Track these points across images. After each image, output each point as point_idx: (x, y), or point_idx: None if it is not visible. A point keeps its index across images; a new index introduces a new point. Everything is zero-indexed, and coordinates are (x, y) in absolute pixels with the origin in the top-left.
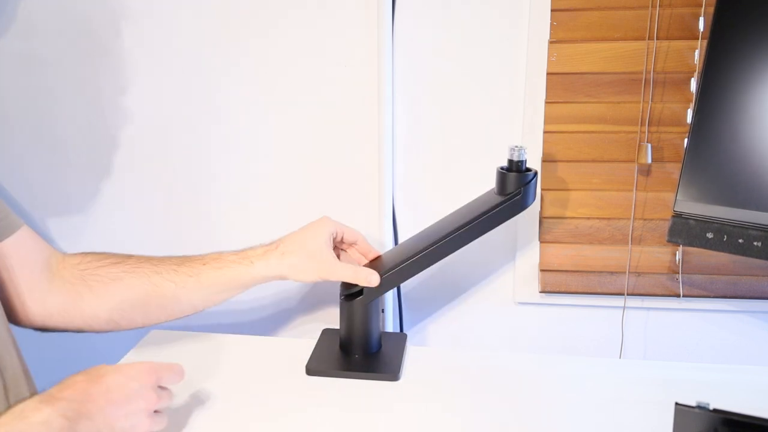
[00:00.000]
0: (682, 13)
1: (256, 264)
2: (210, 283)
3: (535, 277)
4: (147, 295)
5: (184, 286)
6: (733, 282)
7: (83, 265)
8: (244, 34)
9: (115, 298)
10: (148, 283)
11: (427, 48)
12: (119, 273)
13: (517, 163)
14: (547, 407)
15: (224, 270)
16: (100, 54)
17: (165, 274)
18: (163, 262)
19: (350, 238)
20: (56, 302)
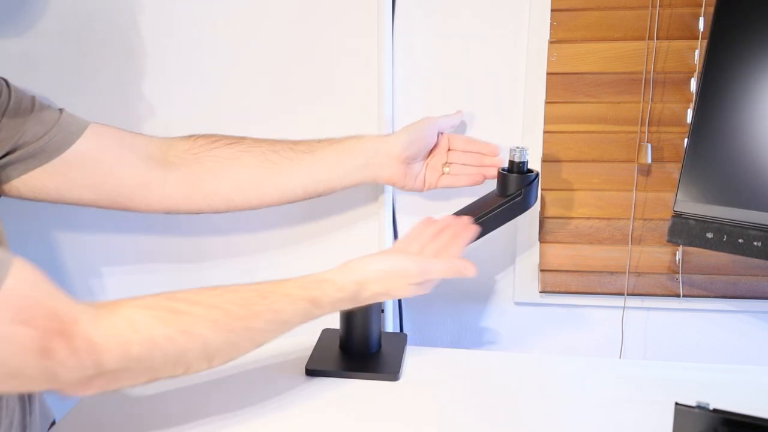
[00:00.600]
0: (682, 13)
1: (366, 137)
2: (325, 157)
3: (535, 277)
4: (265, 171)
5: (300, 162)
6: (733, 282)
7: (195, 149)
8: (243, 34)
9: (232, 177)
10: (266, 161)
11: (427, 48)
12: (236, 152)
13: (519, 164)
14: (547, 407)
15: (336, 144)
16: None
17: (282, 151)
18: (279, 142)
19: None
20: (176, 189)
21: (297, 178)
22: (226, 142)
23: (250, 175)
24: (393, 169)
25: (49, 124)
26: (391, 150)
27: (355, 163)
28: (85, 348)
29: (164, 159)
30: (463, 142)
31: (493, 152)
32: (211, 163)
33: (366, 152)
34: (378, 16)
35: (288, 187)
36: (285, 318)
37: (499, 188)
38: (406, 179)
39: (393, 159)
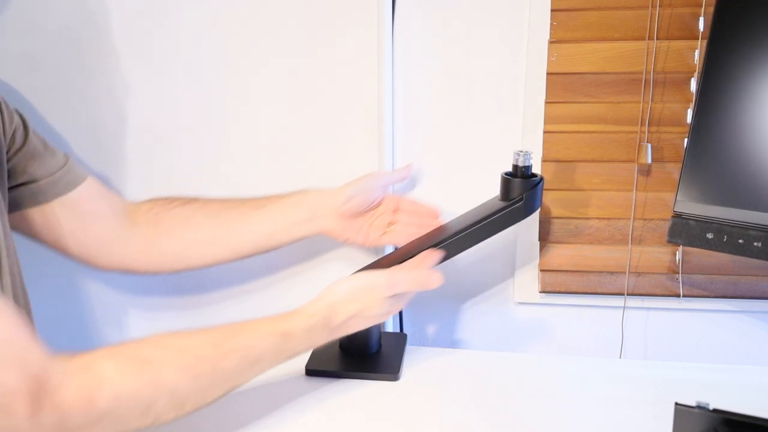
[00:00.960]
0: (682, 13)
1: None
2: (272, 213)
3: (535, 277)
4: (216, 230)
5: (249, 218)
6: (733, 282)
7: (156, 209)
8: (243, 34)
9: (186, 236)
10: (216, 219)
11: (427, 48)
12: (189, 212)
13: (522, 168)
14: (547, 407)
15: (284, 200)
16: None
17: (231, 209)
18: (229, 201)
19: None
20: (137, 247)
21: (246, 234)
22: (181, 202)
23: (202, 233)
24: (334, 222)
25: (56, 166)
26: (333, 203)
27: (300, 216)
28: (49, 409)
29: (133, 217)
30: (409, 205)
31: (435, 215)
32: (168, 222)
33: (310, 206)
34: (378, 16)
35: (238, 243)
36: (256, 355)
37: (502, 192)
38: (348, 233)
39: (335, 212)
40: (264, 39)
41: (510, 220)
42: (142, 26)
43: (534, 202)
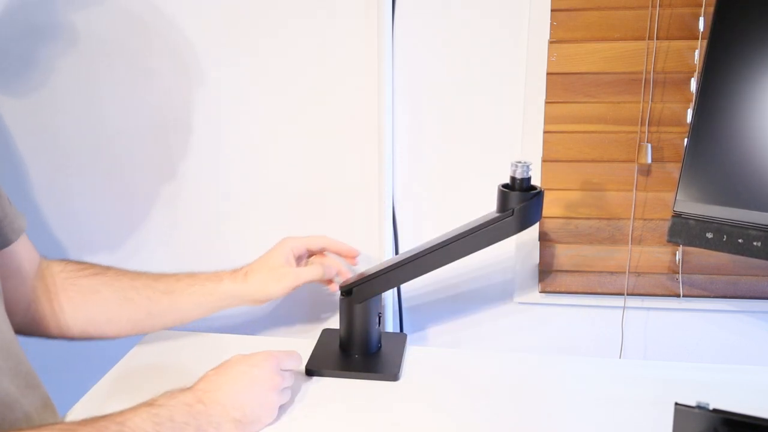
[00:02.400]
0: (682, 13)
1: (225, 281)
2: (183, 300)
3: (535, 277)
4: (121, 308)
5: (159, 302)
6: (733, 282)
7: (65, 273)
8: (245, 38)
9: (91, 310)
10: (124, 298)
11: (427, 49)
12: (97, 285)
13: (520, 180)
14: (547, 407)
15: (196, 287)
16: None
17: (141, 289)
18: (140, 278)
19: (316, 246)
20: (37, 310)
21: (153, 317)
22: (92, 272)
23: (107, 309)
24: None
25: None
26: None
27: (211, 307)
28: None
29: (42, 277)
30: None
31: (352, 254)
32: (72, 293)
33: (223, 300)
34: (378, 16)
35: (144, 323)
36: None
37: (497, 204)
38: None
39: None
40: (264, 39)
41: (502, 234)
42: (142, 27)
43: (530, 215)
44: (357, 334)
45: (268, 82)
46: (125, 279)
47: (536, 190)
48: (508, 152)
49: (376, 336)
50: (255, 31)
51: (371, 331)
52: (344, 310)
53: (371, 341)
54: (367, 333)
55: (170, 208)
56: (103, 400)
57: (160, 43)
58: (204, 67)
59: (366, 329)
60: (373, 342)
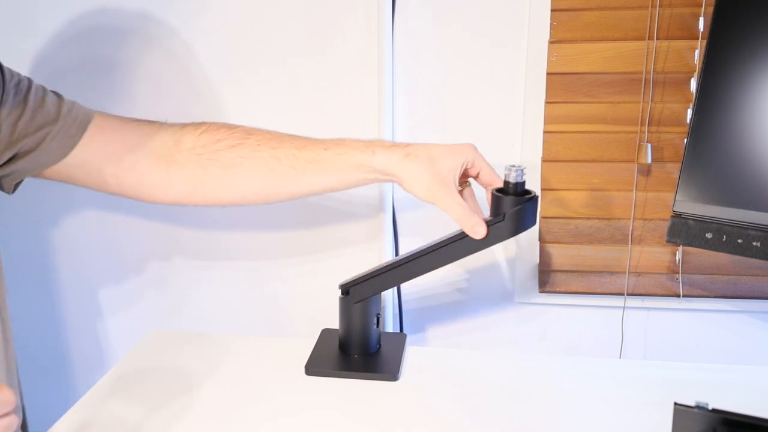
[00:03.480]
0: (682, 13)
1: (378, 154)
2: (331, 170)
3: (535, 277)
4: (266, 181)
5: (304, 171)
6: (733, 282)
7: (198, 149)
8: (241, 35)
9: (235, 185)
10: (268, 170)
11: (427, 48)
12: (237, 159)
13: (514, 185)
14: (547, 407)
15: (345, 156)
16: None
17: (284, 159)
18: (282, 145)
19: (487, 179)
20: (178, 190)
21: (299, 186)
22: (229, 143)
23: (251, 183)
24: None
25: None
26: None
27: (359, 179)
28: None
29: (170, 158)
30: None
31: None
32: (213, 167)
33: (371, 174)
34: (378, 16)
35: (294, 191)
36: None
37: (491, 209)
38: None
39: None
40: (264, 39)
41: (496, 238)
42: (142, 27)
43: (524, 221)
44: (356, 334)
45: (268, 82)
46: (266, 148)
47: (530, 195)
48: (508, 152)
49: (376, 336)
50: (255, 31)
51: (370, 331)
52: (343, 310)
53: (370, 341)
54: (367, 333)
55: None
56: (103, 400)
57: (161, 45)
58: (203, 68)
59: (365, 329)
60: (372, 342)
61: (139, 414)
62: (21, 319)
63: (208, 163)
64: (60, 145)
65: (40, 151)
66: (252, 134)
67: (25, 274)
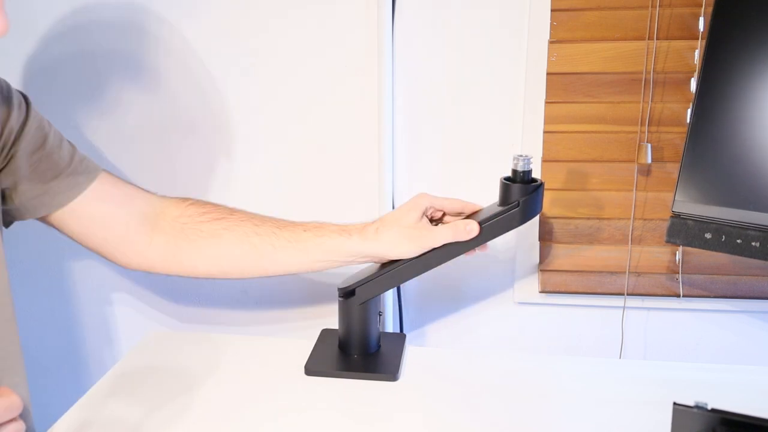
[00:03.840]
0: (682, 13)
1: (354, 237)
2: (308, 250)
3: (535, 277)
4: (245, 254)
5: (283, 250)
6: (733, 282)
7: (183, 218)
8: (242, 35)
9: (213, 254)
10: (248, 244)
11: (427, 48)
12: (219, 230)
13: (522, 173)
14: (547, 407)
15: (324, 239)
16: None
17: (265, 236)
18: (264, 223)
19: (454, 209)
20: (157, 254)
21: (277, 264)
22: (214, 216)
23: (230, 255)
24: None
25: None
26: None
27: (335, 261)
28: None
29: (155, 222)
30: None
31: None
32: (195, 236)
33: (349, 256)
34: (378, 16)
35: (270, 268)
36: None
37: (500, 197)
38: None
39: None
40: (264, 39)
41: (507, 226)
42: (142, 27)
43: (533, 207)
44: (356, 334)
45: (268, 82)
46: (249, 224)
47: (537, 182)
48: (508, 152)
49: (376, 336)
50: (255, 31)
51: (370, 331)
52: (343, 310)
53: (370, 341)
54: (367, 333)
55: None
56: (103, 400)
57: (162, 45)
58: (204, 68)
59: (365, 329)
60: (372, 342)
61: (139, 414)
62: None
63: (190, 232)
64: (68, 188)
65: (47, 192)
66: (236, 212)
67: (26, 273)
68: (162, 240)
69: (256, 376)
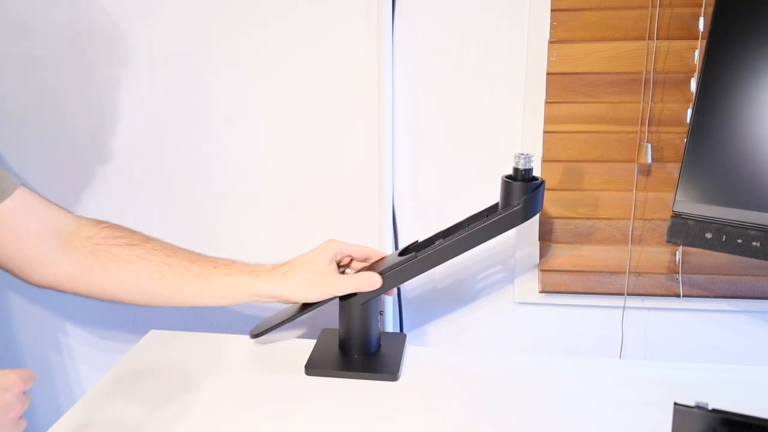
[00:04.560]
0: (682, 13)
1: (262, 278)
2: (215, 287)
3: (535, 277)
4: (153, 283)
5: (190, 283)
6: (733, 282)
7: (97, 239)
8: (242, 36)
9: (123, 279)
10: (158, 273)
11: (427, 48)
12: (132, 256)
13: (523, 171)
14: (547, 407)
15: (231, 278)
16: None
17: (175, 267)
18: (176, 255)
19: (360, 255)
20: (66, 272)
21: (183, 296)
22: (128, 242)
23: (138, 282)
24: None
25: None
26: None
27: (241, 299)
28: None
29: (67, 240)
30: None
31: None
32: (105, 259)
33: (255, 296)
34: (378, 16)
35: (173, 300)
36: None
37: (501, 195)
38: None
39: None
40: (263, 40)
41: (509, 224)
42: (141, 26)
43: (534, 206)
44: (356, 334)
45: (268, 82)
46: (161, 254)
47: (539, 181)
48: (508, 152)
49: (376, 336)
50: (254, 31)
51: (371, 331)
52: (344, 310)
53: (371, 341)
54: (367, 333)
55: (169, 209)
56: (103, 400)
57: (162, 45)
58: (204, 68)
59: (365, 329)
60: (372, 342)
61: (139, 414)
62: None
63: (102, 254)
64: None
65: None
66: (150, 240)
67: None
68: (73, 259)
69: (256, 376)
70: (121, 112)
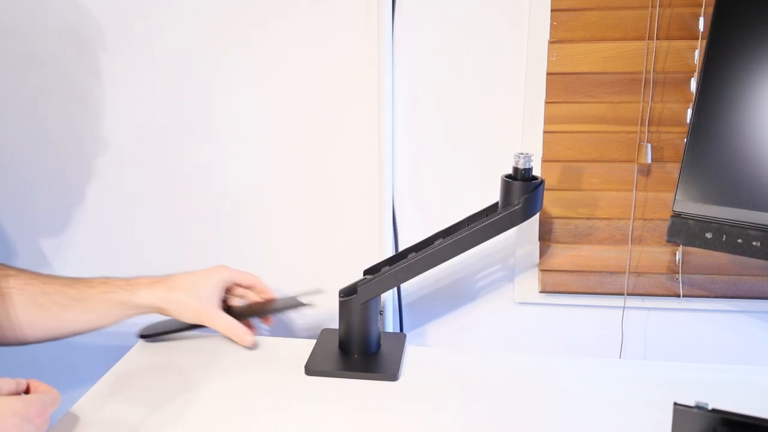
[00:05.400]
0: (682, 13)
1: (141, 292)
2: (94, 306)
3: (535, 277)
4: (30, 314)
5: (70, 309)
6: (733, 282)
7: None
8: (242, 36)
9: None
10: (35, 304)
11: (427, 48)
12: (7, 288)
13: (522, 171)
14: (547, 407)
15: (110, 295)
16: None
17: (53, 295)
18: (52, 282)
19: (247, 282)
20: None
21: (66, 323)
22: (2, 273)
23: (14, 315)
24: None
25: None
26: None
27: (124, 315)
28: None
29: None
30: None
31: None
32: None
33: (137, 309)
34: (378, 16)
35: (54, 330)
36: None
37: (501, 195)
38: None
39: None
40: (263, 40)
41: (508, 224)
42: (141, 26)
43: (534, 205)
44: (356, 334)
45: (268, 82)
46: (36, 283)
47: (538, 180)
48: (508, 152)
49: (376, 336)
50: (254, 31)
51: (370, 331)
52: (344, 310)
53: (370, 341)
54: (367, 333)
55: (169, 210)
56: (103, 400)
57: (161, 45)
58: (204, 68)
59: (365, 329)
60: (372, 342)
61: (139, 414)
62: None
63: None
64: None
65: None
66: (26, 271)
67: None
68: None
69: (256, 376)
70: (121, 112)
